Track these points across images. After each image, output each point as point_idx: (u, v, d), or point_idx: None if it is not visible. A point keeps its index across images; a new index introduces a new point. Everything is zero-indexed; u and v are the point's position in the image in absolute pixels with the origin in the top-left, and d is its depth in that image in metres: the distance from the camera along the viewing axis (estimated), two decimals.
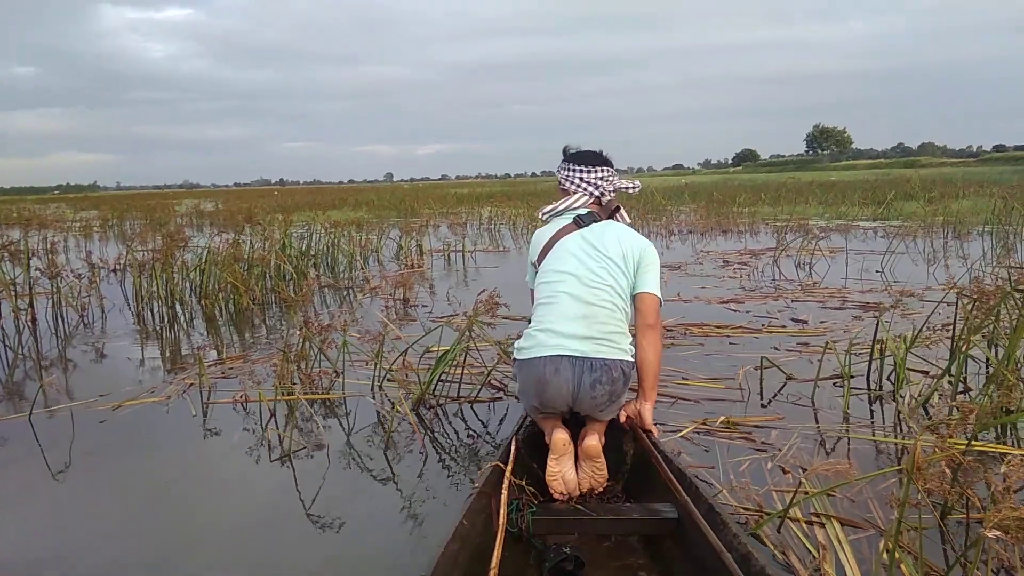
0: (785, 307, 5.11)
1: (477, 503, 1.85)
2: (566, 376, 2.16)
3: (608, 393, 2.19)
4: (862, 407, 3.05)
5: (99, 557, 2.06)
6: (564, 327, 2.22)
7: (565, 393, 2.17)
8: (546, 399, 2.20)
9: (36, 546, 2.13)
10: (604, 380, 2.17)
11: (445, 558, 1.56)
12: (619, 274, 2.36)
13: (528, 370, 2.23)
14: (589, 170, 2.60)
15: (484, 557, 1.63)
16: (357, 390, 3.44)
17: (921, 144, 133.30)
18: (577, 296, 2.29)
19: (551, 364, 2.18)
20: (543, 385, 2.18)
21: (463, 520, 1.73)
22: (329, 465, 2.63)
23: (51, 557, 2.05)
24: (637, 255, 2.41)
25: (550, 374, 2.17)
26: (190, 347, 4.62)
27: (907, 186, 17.56)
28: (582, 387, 2.16)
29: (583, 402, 2.19)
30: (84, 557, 2.05)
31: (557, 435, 2.12)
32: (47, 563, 2.02)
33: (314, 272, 7.43)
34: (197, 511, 2.33)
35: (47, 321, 5.51)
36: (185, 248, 6.55)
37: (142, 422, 3.14)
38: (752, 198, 16.91)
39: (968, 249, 7.98)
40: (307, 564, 1.98)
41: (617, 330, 2.27)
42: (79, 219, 18.80)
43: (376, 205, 19.70)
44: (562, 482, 2.11)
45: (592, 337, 2.21)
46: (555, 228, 2.54)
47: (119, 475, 2.63)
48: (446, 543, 1.61)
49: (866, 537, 1.96)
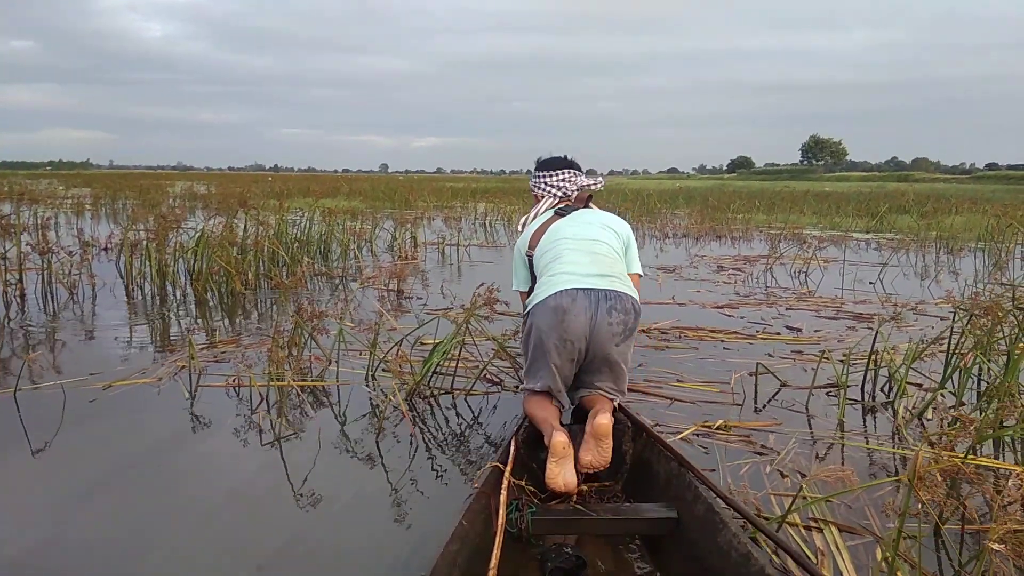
0: (779, 314, 5.12)
1: (476, 503, 1.84)
2: (583, 305, 2.29)
3: (622, 323, 2.33)
4: (855, 416, 3.06)
5: (83, 536, 2.03)
6: (575, 269, 2.39)
7: (583, 322, 2.28)
8: (565, 330, 2.28)
9: (19, 524, 2.10)
10: (619, 308, 2.31)
11: (444, 558, 1.54)
12: (614, 238, 2.60)
13: (543, 308, 2.33)
14: (552, 174, 2.87)
15: (483, 557, 1.62)
16: (351, 378, 3.42)
17: (915, 159, 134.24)
18: (582, 249, 2.48)
19: (567, 296, 2.30)
20: (562, 314, 2.28)
21: (463, 520, 1.72)
22: (320, 452, 2.61)
23: (34, 535, 2.02)
24: (625, 232, 2.68)
25: (567, 303, 2.29)
26: (181, 329, 4.57)
27: (901, 200, 17.65)
28: (599, 314, 2.29)
29: (600, 332, 2.30)
30: (68, 536, 2.03)
31: (557, 438, 2.08)
32: (29, 541, 1.98)
33: (307, 259, 7.39)
34: (185, 494, 2.30)
35: (36, 297, 5.45)
36: (178, 230, 6.48)
37: (132, 403, 3.10)
38: (746, 205, 16.95)
39: (960, 265, 8.03)
40: (293, 551, 1.96)
41: (623, 273, 2.49)
42: (71, 196, 18.62)
43: (371, 195, 19.62)
44: (562, 485, 2.09)
45: (603, 274, 2.39)
46: (539, 223, 2.76)
47: (108, 455, 2.59)
48: (445, 543, 1.59)
49: (863, 544, 1.96)
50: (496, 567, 1.54)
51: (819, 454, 2.63)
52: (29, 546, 1.96)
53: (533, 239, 2.71)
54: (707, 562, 1.68)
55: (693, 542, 1.79)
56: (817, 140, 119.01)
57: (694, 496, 1.89)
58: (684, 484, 1.97)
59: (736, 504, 1.83)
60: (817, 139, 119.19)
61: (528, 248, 2.72)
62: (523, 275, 2.79)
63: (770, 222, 13.29)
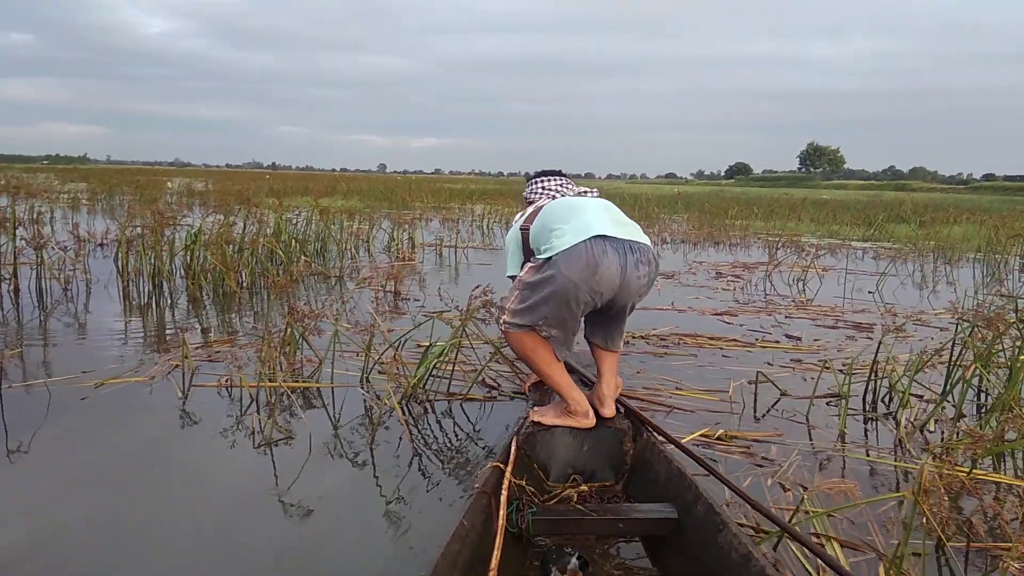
0: (778, 322, 5.10)
1: (477, 503, 1.82)
2: (613, 258, 2.20)
3: (648, 275, 2.29)
4: (857, 427, 3.03)
5: (71, 537, 1.99)
6: (595, 218, 2.30)
7: (615, 274, 2.20)
8: (598, 282, 2.19)
9: (5, 525, 2.05)
10: (644, 261, 2.26)
11: (445, 558, 1.53)
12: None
13: (571, 258, 2.18)
14: (550, 179, 2.91)
15: (484, 557, 1.62)
16: (345, 380, 3.38)
17: (912, 168, 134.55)
18: (597, 205, 2.44)
19: (597, 246, 2.19)
20: (595, 266, 2.17)
21: (463, 520, 1.70)
22: (312, 454, 2.57)
23: (9, 538, 1.97)
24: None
25: (599, 255, 2.18)
26: (176, 327, 4.53)
27: (899, 209, 17.68)
28: (628, 267, 2.22)
29: (630, 286, 2.25)
30: (55, 537, 1.98)
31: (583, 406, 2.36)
32: (16, 542, 1.94)
33: (305, 259, 7.35)
34: (175, 496, 2.26)
35: (30, 293, 5.40)
36: (175, 227, 6.43)
37: (124, 401, 3.05)
38: (745, 211, 16.96)
39: (958, 275, 8.02)
40: (287, 553, 1.93)
41: (638, 226, 2.40)
42: (67, 190, 18.53)
43: (368, 195, 19.59)
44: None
45: (623, 223, 2.35)
46: (531, 211, 2.70)
47: (98, 454, 2.55)
48: (446, 543, 1.58)
49: (866, 560, 1.93)
50: (497, 567, 1.54)
51: (821, 466, 2.59)
52: (14, 549, 1.92)
53: (530, 217, 2.62)
54: (708, 562, 1.68)
55: (693, 542, 1.79)
56: (815, 148, 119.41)
57: (695, 496, 1.88)
58: (685, 484, 1.96)
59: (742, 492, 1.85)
60: (815, 147, 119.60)
61: (524, 223, 2.64)
62: (518, 258, 2.69)
63: (768, 229, 13.29)
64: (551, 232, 2.33)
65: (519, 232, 2.66)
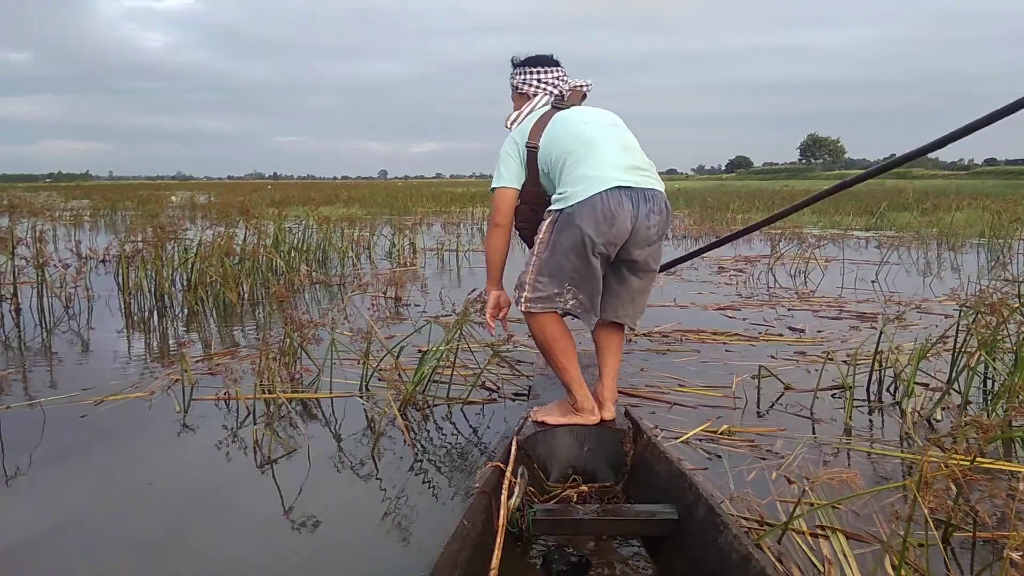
0: (781, 315, 5.07)
1: (477, 503, 1.81)
2: (628, 208, 2.20)
3: (659, 224, 2.28)
4: (862, 419, 3.00)
5: (68, 558, 1.98)
6: (613, 160, 2.25)
7: (628, 225, 2.20)
8: (613, 234, 2.19)
9: (3, 544, 2.04)
10: (655, 210, 2.25)
11: (445, 559, 1.52)
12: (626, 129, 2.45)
13: (588, 210, 2.18)
14: (547, 70, 2.60)
15: (484, 558, 1.61)
16: (345, 389, 3.36)
17: None
18: (610, 136, 2.34)
19: (613, 197, 2.18)
20: (611, 218, 2.17)
21: (463, 520, 1.69)
22: (312, 464, 2.55)
23: (17, 556, 1.96)
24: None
25: (615, 206, 2.18)
26: (176, 341, 4.53)
27: (901, 197, 17.59)
28: (639, 218, 2.21)
29: (639, 234, 2.24)
30: (52, 557, 1.97)
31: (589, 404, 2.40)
32: (16, 562, 1.93)
33: (305, 268, 7.35)
34: (176, 511, 2.25)
35: (31, 311, 5.40)
36: (175, 241, 6.43)
37: (124, 418, 3.04)
38: (746, 205, 16.90)
39: (962, 261, 7.98)
40: (289, 563, 1.92)
41: (652, 165, 2.37)
42: (70, 208, 18.61)
43: (369, 202, 19.60)
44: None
45: (638, 167, 2.29)
46: (538, 115, 2.49)
47: (97, 473, 2.53)
48: (446, 543, 1.57)
49: (871, 552, 1.90)
50: (498, 567, 1.53)
51: (826, 459, 2.57)
52: (15, 570, 1.91)
53: (534, 131, 2.43)
54: (708, 563, 1.67)
55: (694, 543, 1.77)
56: (815, 139, 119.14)
57: (695, 497, 1.87)
58: (685, 485, 1.95)
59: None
60: (815, 137, 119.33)
61: (529, 139, 2.43)
62: (516, 171, 2.48)
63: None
64: (564, 168, 2.30)
65: (524, 148, 2.45)
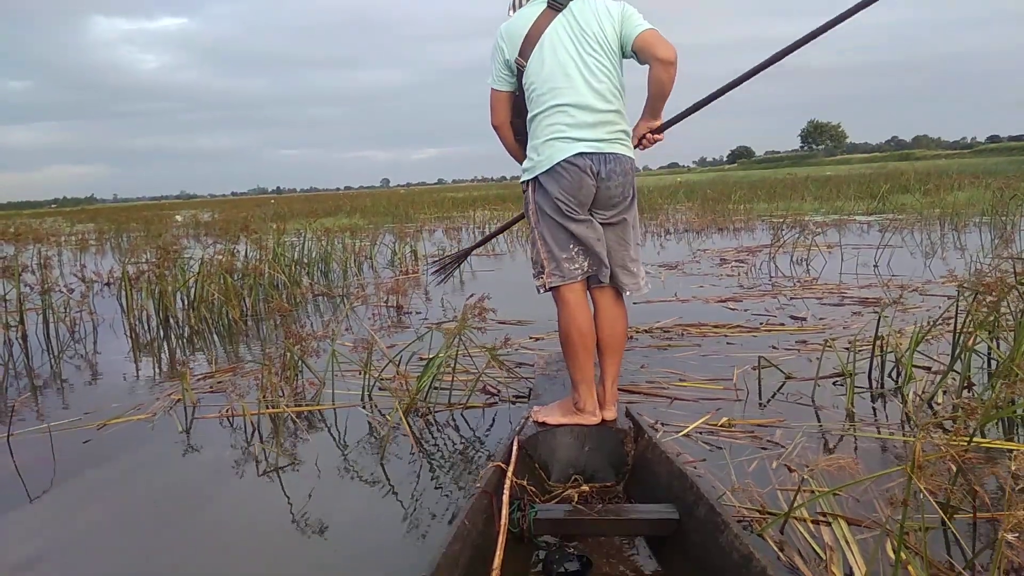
0: (783, 305, 5.06)
1: (478, 503, 1.82)
2: (590, 173, 2.36)
3: (621, 185, 2.42)
4: (864, 405, 3.00)
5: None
6: (579, 133, 2.37)
7: (590, 185, 2.38)
8: (581, 196, 2.38)
9: (14, 571, 2.06)
10: (618, 171, 2.40)
11: (446, 559, 1.52)
12: (614, 57, 2.44)
13: (555, 176, 2.38)
14: None
15: (485, 557, 1.62)
16: (347, 400, 3.37)
17: (915, 137, 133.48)
18: (585, 105, 2.38)
19: (580, 161, 2.35)
20: (579, 181, 2.36)
21: (464, 520, 1.70)
22: (316, 476, 2.57)
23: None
24: (619, 20, 2.43)
25: (584, 166, 2.35)
26: (179, 361, 4.55)
27: (902, 179, 17.53)
28: (600, 177, 2.38)
29: (602, 193, 2.40)
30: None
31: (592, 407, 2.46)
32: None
33: (307, 280, 7.37)
34: (182, 531, 2.26)
35: (37, 337, 5.44)
36: (178, 261, 6.47)
37: (127, 441, 3.05)
38: (747, 195, 16.87)
39: (965, 240, 7.94)
40: (298, 569, 1.93)
41: (624, 129, 2.47)
42: (75, 232, 18.73)
43: (371, 211, 19.65)
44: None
45: (605, 139, 2.40)
46: (531, 18, 2.45)
47: (102, 497, 2.54)
48: (447, 543, 1.58)
49: (873, 537, 1.90)
50: (499, 567, 1.53)
51: (828, 447, 2.57)
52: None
53: (525, 46, 2.43)
54: (709, 563, 1.66)
55: (695, 543, 1.77)
56: (816, 125, 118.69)
57: (696, 497, 1.87)
58: (686, 485, 1.95)
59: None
60: (816, 124, 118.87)
61: (519, 55, 2.45)
62: (504, 77, 2.54)
63: (772, 211, 13.21)
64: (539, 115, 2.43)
65: (514, 63, 2.47)
